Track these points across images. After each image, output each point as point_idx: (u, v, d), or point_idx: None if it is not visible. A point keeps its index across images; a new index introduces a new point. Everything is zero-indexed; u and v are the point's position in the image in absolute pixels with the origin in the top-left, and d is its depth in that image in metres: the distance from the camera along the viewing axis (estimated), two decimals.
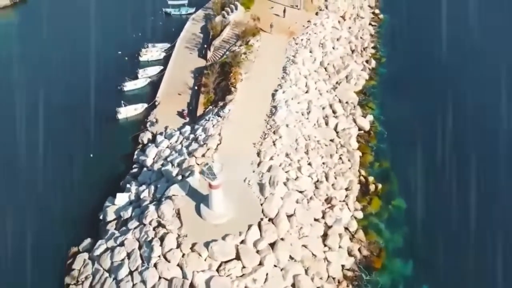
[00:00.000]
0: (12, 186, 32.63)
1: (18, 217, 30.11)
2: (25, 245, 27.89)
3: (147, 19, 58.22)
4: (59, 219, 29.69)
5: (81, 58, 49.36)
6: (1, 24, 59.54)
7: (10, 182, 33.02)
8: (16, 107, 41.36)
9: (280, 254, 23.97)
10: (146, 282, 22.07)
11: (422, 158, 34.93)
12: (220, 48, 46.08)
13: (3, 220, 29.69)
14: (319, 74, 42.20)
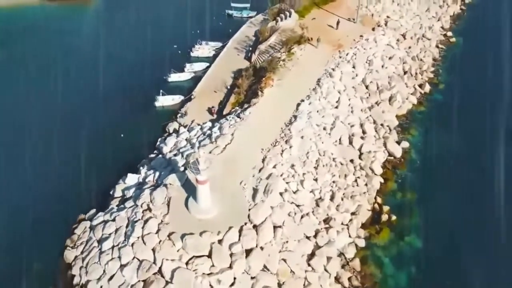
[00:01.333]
0: (48, 155, 36.05)
1: (46, 182, 33.18)
2: (44, 207, 30.67)
3: (209, 18, 61.16)
4: (78, 189, 32.11)
5: (140, 47, 53.60)
6: (75, 11, 67.44)
7: (50, 151, 36.62)
8: (74, 84, 46.55)
9: (253, 262, 23.72)
10: (121, 258, 23.50)
11: (453, 200, 31.81)
12: (264, 53, 46.65)
13: (36, 182, 33.29)
14: (356, 91, 40.54)
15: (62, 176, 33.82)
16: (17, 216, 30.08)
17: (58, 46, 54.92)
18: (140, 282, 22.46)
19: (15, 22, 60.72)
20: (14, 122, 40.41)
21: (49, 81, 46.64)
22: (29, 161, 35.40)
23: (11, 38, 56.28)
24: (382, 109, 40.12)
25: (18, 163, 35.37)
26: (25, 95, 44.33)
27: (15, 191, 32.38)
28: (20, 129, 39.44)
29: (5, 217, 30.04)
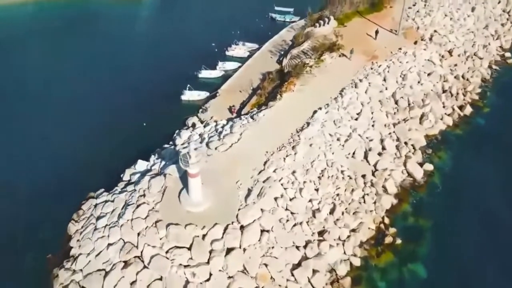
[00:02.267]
0: (76, 134, 38.62)
1: (68, 160, 35.29)
2: (61, 182, 32.67)
3: (252, 20, 61.98)
4: (95, 169, 33.84)
5: (181, 43, 55.79)
6: (126, 5, 71.39)
7: (78, 131, 39.19)
8: (114, 72, 49.39)
9: (232, 261, 23.74)
10: (109, 237, 24.71)
11: (470, 235, 29.53)
12: (296, 58, 46.25)
13: (60, 158, 35.69)
14: (383, 104, 38.74)
15: (84, 156, 35.95)
16: (38, 187, 32.51)
17: (105, 36, 58.57)
18: (121, 263, 23.46)
19: (68, 13, 66.09)
20: (56, 101, 43.91)
21: (92, 67, 50.30)
22: (59, 138, 38.34)
23: (64, 27, 61.36)
24: (409, 127, 37.97)
25: (51, 138, 38.38)
26: (71, 79, 48.09)
27: (43, 164, 35.05)
28: (61, 108, 42.79)
29: (27, 187, 32.70)
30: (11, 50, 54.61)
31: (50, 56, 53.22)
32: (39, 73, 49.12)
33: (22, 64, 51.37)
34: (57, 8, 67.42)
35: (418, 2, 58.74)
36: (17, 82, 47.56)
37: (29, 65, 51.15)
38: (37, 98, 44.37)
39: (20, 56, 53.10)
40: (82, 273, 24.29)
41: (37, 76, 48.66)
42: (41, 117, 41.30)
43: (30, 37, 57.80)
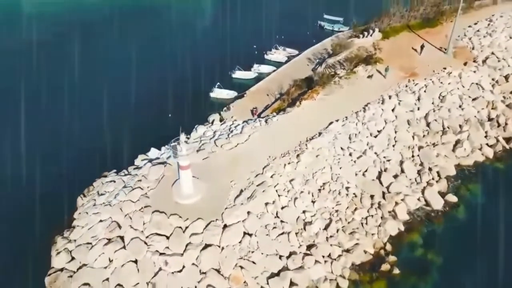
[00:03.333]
0: (104, 121, 41.11)
1: (95, 142, 37.66)
2: (83, 161, 34.88)
3: (300, 27, 61.70)
4: (115, 152, 35.62)
5: (224, 42, 57.20)
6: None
7: (111, 116, 41.95)
8: (157, 63, 52.45)
9: (205, 257, 23.89)
10: (101, 215, 26.21)
11: (482, 283, 26.48)
12: (331, 67, 45.12)
13: (90, 140, 38.11)
14: (411, 125, 36.26)
15: (109, 139, 37.99)
16: (63, 164, 35.12)
17: (154, 29, 62.12)
18: (105, 240, 24.77)
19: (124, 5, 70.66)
20: (97, 89, 46.74)
21: (134, 58, 52.90)
22: (95, 122, 41.07)
23: (117, 20, 65.73)
24: (437, 153, 35.20)
25: (87, 122, 41.20)
26: (114, 68, 51.38)
27: (74, 144, 37.77)
28: (100, 95, 45.63)
29: (54, 164, 35.26)
30: (69, 39, 59.73)
31: (98, 46, 57.30)
32: (85, 62, 52.78)
33: (71, 56, 54.92)
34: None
35: (481, 20, 54.21)
36: (68, 71, 51.17)
37: (77, 56, 54.72)
38: (81, 85, 47.82)
39: (70, 48, 56.94)
40: (75, 243, 26.08)
41: (82, 64, 52.31)
42: (80, 102, 44.41)
43: (81, 29, 62.46)
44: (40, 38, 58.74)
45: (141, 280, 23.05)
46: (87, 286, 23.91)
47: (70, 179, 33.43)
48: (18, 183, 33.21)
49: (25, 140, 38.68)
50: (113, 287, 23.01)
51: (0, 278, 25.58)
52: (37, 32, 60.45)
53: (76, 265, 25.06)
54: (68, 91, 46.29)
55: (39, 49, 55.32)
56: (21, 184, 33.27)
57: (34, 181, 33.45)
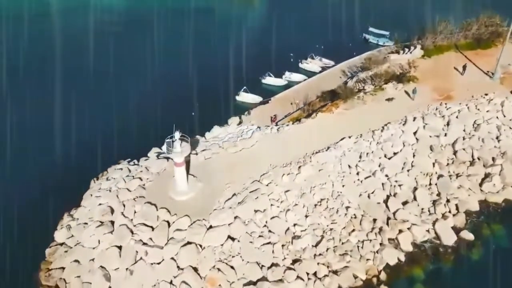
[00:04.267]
0: (134, 114, 43.23)
1: (129, 136, 39.44)
2: (112, 152, 36.12)
3: (343, 38, 60.33)
4: (136, 144, 36.96)
5: (263, 46, 57.36)
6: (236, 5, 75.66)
7: (147, 114, 43.47)
8: (191, 63, 53.43)
9: (185, 254, 24.45)
10: (100, 199, 27.93)
11: None
12: (362, 82, 43.63)
13: (118, 134, 39.70)
14: (434, 151, 33.83)
15: (134, 130, 39.78)
16: (93, 151, 36.82)
17: (197, 30, 63.27)
18: (98, 222, 26.32)
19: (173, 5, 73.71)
20: (134, 83, 49.24)
21: (173, 57, 55.17)
22: (128, 112, 43.63)
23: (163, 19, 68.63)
24: (460, 184, 32.59)
25: (121, 111, 43.26)
26: (152, 65, 53.40)
27: (108, 132, 39.68)
28: (136, 89, 48.28)
29: (84, 151, 37.48)
30: (117, 34, 62.92)
31: (137, 45, 59.12)
32: (127, 57, 54.87)
33: (111, 50, 56.67)
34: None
35: None
36: (108, 65, 52.88)
37: (116, 51, 56.45)
38: (119, 78, 49.75)
39: (113, 43, 59.10)
40: (76, 221, 28.04)
41: (123, 59, 54.16)
42: (117, 94, 46.62)
43: (123, 26, 65.80)
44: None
45: (121, 266, 24.21)
46: (77, 263, 25.63)
47: (92, 163, 35.59)
48: (49, 161, 36.05)
49: (63, 125, 41.23)
50: (97, 268, 24.42)
51: (10, 246, 28.13)
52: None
53: (73, 241, 26.94)
54: (106, 85, 48.82)
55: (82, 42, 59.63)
56: (50, 162, 36.12)
57: (61, 161, 36.33)
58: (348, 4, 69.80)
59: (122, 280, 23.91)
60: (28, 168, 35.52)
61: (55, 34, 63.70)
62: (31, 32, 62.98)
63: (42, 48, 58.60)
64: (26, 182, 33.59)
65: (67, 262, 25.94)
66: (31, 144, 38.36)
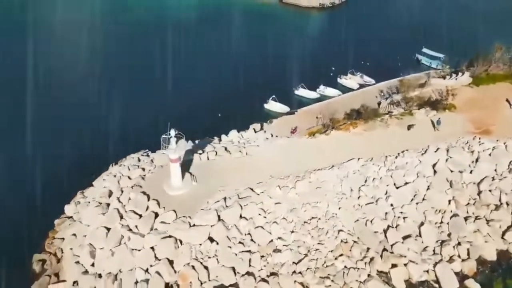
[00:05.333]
0: (164, 112, 45.19)
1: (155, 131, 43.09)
2: (132, 145, 38.29)
3: (392, 55, 57.81)
4: (155, 137, 39.69)
5: (306, 58, 57.60)
6: (296, 17, 75.56)
7: (179, 109, 45.89)
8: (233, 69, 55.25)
9: (163, 246, 25.52)
10: (106, 182, 30.25)
11: None
12: (395, 104, 41.42)
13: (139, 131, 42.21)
14: (453, 187, 31.20)
15: (161, 124, 41.60)
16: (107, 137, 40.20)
17: (251, 38, 65.29)
18: (97, 203, 28.57)
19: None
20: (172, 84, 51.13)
21: (216, 60, 57.70)
22: (160, 108, 45.82)
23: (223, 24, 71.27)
24: (477, 228, 29.65)
25: (160, 107, 45.65)
26: (192, 67, 56.08)
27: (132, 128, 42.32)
28: (172, 89, 50.34)
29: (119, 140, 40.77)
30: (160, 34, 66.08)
31: (185, 46, 61.97)
32: (170, 57, 57.41)
33: (150, 51, 60.10)
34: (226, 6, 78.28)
35: None
36: (146, 65, 56.28)
37: (159, 53, 59.12)
38: (165, 76, 52.25)
39: (149, 41, 63.19)
40: (85, 199, 30.74)
41: (167, 61, 56.60)
42: (159, 89, 49.68)
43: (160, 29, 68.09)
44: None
45: (106, 246, 26.02)
46: (74, 236, 28.15)
47: (117, 149, 38.19)
48: (82, 144, 39.22)
49: (104, 113, 44.52)
50: (86, 244, 26.58)
51: (28, 213, 31.39)
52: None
53: (77, 217, 29.57)
54: (154, 82, 51.91)
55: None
56: (82, 145, 39.20)
57: (92, 145, 39.05)
58: (404, 22, 66.79)
59: (104, 259, 25.74)
60: (64, 148, 38.65)
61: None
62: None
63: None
64: (57, 159, 37.01)
65: (67, 234, 28.63)
66: (71, 128, 42.03)
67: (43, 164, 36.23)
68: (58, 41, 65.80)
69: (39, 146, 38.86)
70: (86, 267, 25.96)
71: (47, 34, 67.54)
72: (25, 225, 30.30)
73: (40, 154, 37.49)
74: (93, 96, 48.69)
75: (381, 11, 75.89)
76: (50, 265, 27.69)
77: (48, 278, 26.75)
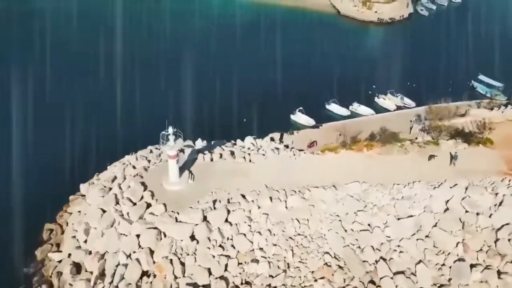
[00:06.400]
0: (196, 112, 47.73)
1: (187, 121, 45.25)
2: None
3: (444, 79, 53.98)
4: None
5: (351, 72, 56.14)
6: (353, 30, 73.38)
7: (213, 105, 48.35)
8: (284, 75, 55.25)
9: (147, 236, 26.79)
10: (115, 168, 32.61)
11: None
12: (425, 130, 38.57)
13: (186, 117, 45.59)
14: (465, 229, 28.11)
15: (191, 123, 43.87)
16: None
17: (311, 49, 64.80)
18: (102, 185, 30.93)
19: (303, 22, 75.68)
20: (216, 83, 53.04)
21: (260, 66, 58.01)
22: (195, 105, 48.10)
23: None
24: (485, 279, 26.67)
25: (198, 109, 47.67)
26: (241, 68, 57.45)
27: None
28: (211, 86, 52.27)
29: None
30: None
31: (228, 51, 63.39)
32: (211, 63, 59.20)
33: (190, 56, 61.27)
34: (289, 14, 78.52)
35: None
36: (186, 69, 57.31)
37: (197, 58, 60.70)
38: (203, 77, 54.16)
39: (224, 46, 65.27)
40: (98, 181, 33.31)
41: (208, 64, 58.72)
42: (197, 89, 51.16)
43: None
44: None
45: (98, 227, 28.02)
46: (79, 213, 30.82)
47: (141, 141, 39.83)
48: (116, 133, 42.19)
49: (138, 105, 47.60)
50: (84, 222, 28.91)
51: (50, 186, 34.64)
52: None
53: (87, 196, 32.33)
54: (190, 81, 53.13)
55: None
56: (116, 135, 41.97)
57: (123, 135, 41.88)
58: (465, 45, 61.60)
59: (95, 238, 27.79)
60: (95, 133, 41.71)
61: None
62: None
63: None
64: (89, 143, 40.34)
65: (75, 210, 31.42)
66: (106, 116, 45.16)
67: (75, 145, 40.17)
68: (69, 36, 64.92)
69: (76, 130, 42.76)
70: (80, 242, 28.29)
71: (51, 28, 66.10)
72: (45, 196, 33.68)
73: (74, 137, 41.36)
74: (137, 90, 51.20)
75: (444, 31, 70.87)
76: (55, 235, 30.68)
77: (50, 247, 29.69)
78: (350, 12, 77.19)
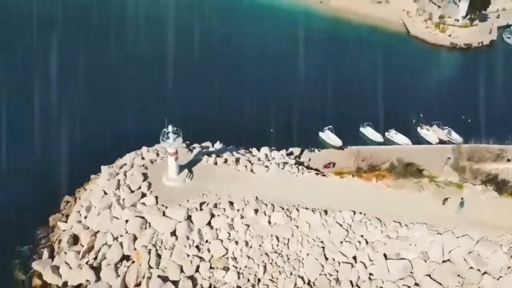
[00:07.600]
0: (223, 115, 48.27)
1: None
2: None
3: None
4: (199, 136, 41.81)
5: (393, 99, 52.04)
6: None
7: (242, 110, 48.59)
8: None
9: (133, 223, 28.51)
10: (126, 158, 35.02)
11: None
12: (457, 170, 34.44)
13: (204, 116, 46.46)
14: (464, 286, 24.47)
15: (212, 125, 44.52)
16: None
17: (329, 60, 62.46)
18: (112, 170, 33.37)
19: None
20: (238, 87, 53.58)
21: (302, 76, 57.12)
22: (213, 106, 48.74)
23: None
24: None
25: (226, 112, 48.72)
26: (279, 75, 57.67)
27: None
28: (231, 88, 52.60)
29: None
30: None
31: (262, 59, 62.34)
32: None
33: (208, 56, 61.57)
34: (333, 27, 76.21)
35: None
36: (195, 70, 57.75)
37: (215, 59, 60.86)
38: (215, 83, 53.41)
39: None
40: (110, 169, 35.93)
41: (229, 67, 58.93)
42: (225, 94, 51.37)
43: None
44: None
45: (98, 206, 30.39)
46: (90, 190, 33.73)
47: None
48: (138, 130, 43.34)
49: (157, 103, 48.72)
50: (89, 200, 31.67)
51: (77, 165, 37.96)
52: None
53: None
54: (194, 83, 54.43)
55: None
56: (138, 132, 43.00)
57: (148, 131, 41.82)
58: None
59: (93, 216, 30.24)
60: (126, 124, 44.47)
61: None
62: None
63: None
64: (122, 132, 42.95)
65: (88, 188, 34.58)
66: (149, 111, 47.07)
67: (108, 132, 42.94)
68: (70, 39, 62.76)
69: (112, 121, 45.29)
70: (81, 217, 31.05)
71: (50, 29, 64.99)
72: (72, 172, 37.38)
73: (108, 126, 44.06)
74: (157, 89, 52.56)
75: None
76: (68, 207, 34.10)
77: (61, 216, 33.10)
78: (420, 34, 72.07)
